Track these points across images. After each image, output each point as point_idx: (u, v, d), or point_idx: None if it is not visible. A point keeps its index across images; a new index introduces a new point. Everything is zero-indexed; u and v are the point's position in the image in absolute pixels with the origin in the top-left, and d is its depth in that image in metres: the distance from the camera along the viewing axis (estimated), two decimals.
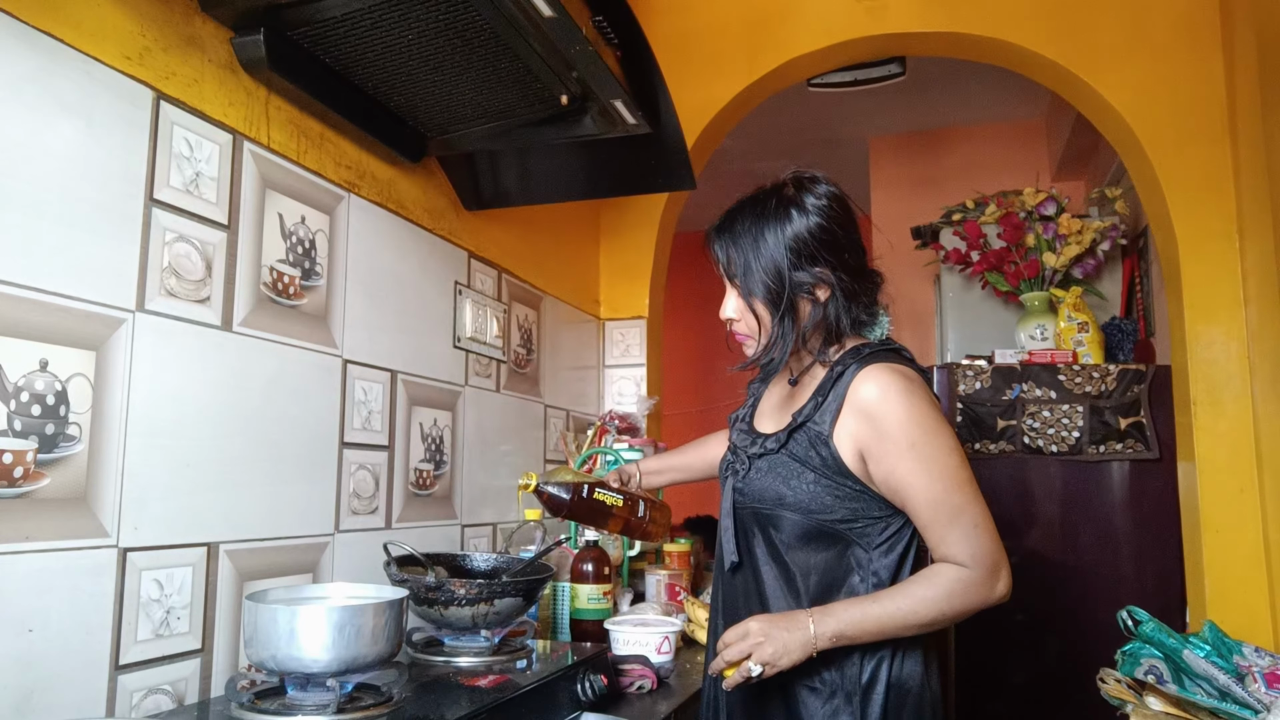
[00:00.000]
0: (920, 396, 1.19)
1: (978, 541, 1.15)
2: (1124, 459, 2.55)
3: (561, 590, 1.97)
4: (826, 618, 1.15)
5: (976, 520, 1.16)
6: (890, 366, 1.21)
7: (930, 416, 1.18)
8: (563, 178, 2.06)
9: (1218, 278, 2.17)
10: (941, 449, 1.16)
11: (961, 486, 1.16)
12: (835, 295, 1.23)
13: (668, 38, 2.68)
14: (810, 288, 1.22)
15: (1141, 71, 2.29)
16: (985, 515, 1.17)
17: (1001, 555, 1.17)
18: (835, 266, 1.22)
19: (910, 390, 1.18)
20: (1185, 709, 1.62)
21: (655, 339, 2.91)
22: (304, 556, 1.51)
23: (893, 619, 1.14)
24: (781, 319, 1.22)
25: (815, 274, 1.21)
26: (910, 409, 1.17)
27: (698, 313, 5.47)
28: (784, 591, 1.24)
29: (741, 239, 1.24)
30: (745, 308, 1.26)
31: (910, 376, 1.21)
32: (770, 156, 4.65)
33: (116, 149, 1.19)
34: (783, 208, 1.22)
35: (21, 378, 1.06)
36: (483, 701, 1.20)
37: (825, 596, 1.21)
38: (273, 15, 1.36)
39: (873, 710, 1.19)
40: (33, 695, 1.05)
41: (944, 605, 1.14)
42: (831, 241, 1.21)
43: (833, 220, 1.22)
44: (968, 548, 1.14)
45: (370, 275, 1.72)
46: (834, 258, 1.22)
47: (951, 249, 3.18)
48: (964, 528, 1.15)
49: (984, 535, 1.15)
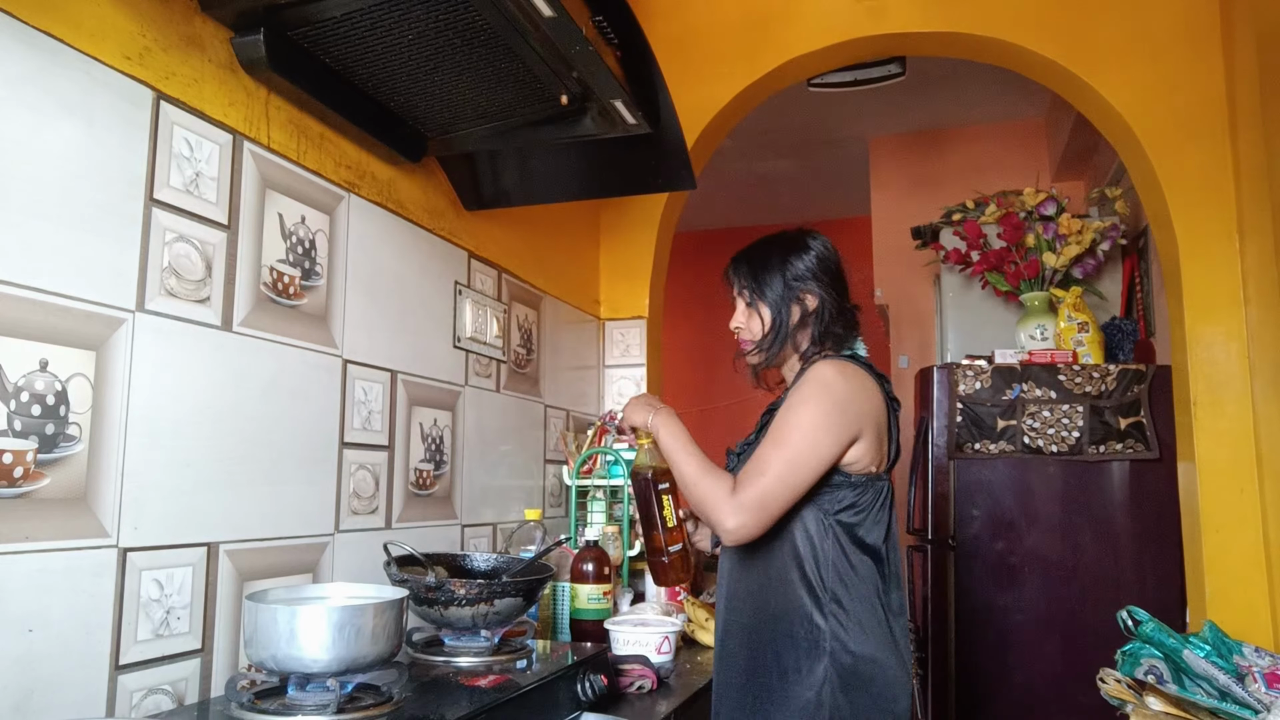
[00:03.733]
0: (837, 386, 1.39)
1: (753, 486, 1.35)
2: (1124, 459, 2.55)
3: (561, 590, 1.97)
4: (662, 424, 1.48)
5: (766, 474, 1.35)
6: (837, 360, 1.44)
7: (823, 399, 1.38)
8: (563, 178, 2.06)
9: (1218, 278, 2.17)
10: (800, 425, 1.37)
11: (783, 452, 1.36)
12: (822, 307, 1.49)
13: (668, 38, 2.68)
14: (801, 294, 1.49)
15: (1141, 71, 2.29)
16: (778, 482, 1.35)
17: (754, 512, 1.34)
18: (824, 286, 1.50)
19: (831, 379, 1.39)
20: (1185, 709, 1.62)
21: (655, 339, 2.91)
22: (304, 556, 1.51)
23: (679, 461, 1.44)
24: (778, 314, 1.49)
25: (808, 286, 1.49)
26: (817, 388, 1.39)
27: (698, 313, 5.48)
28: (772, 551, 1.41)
29: (753, 261, 1.53)
30: (750, 315, 1.52)
31: (845, 371, 1.41)
32: (770, 156, 4.65)
33: (116, 149, 1.19)
34: (788, 241, 1.53)
35: (21, 378, 1.06)
36: (483, 701, 1.20)
37: (808, 549, 1.39)
38: (273, 15, 1.36)
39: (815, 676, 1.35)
40: (33, 695, 1.05)
41: (700, 489, 1.39)
42: (824, 270, 1.50)
43: (825, 258, 1.52)
44: (746, 486, 1.35)
45: (370, 275, 1.72)
46: (824, 280, 1.50)
47: (951, 249, 3.18)
48: (756, 474, 1.36)
49: (759, 485, 1.35)
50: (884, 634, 1.37)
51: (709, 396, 5.22)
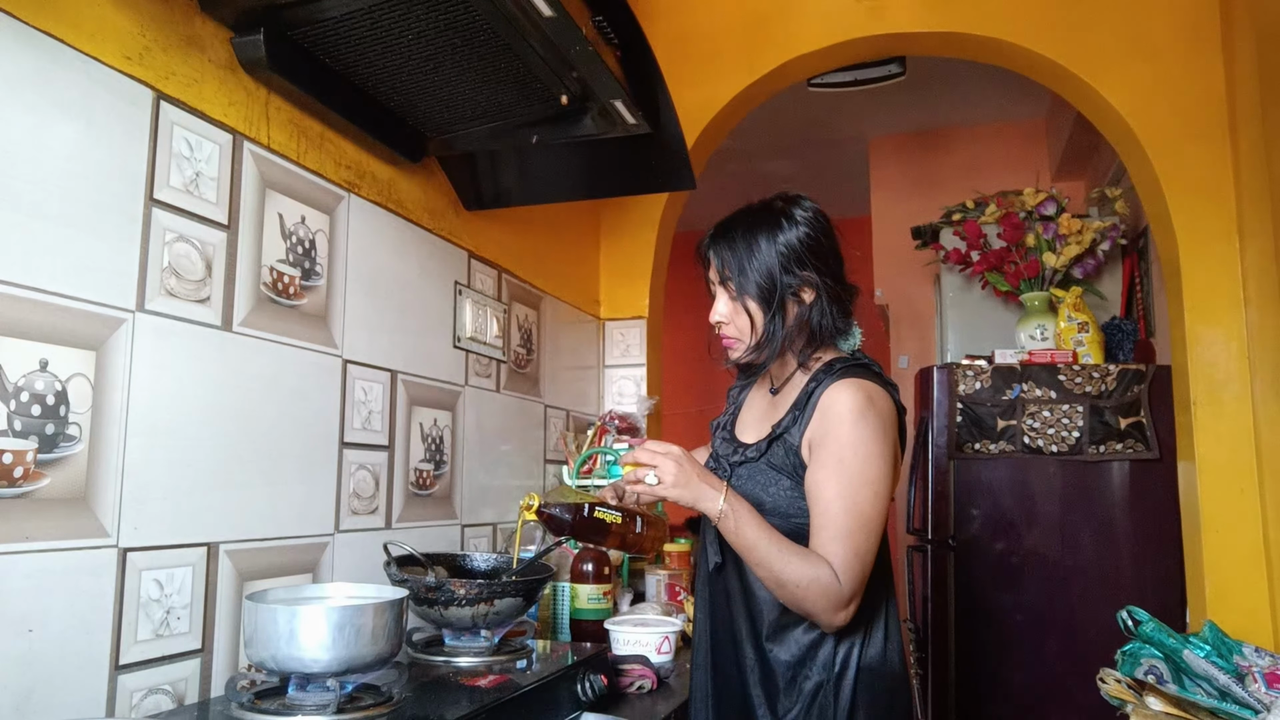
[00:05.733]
0: (872, 418, 1.25)
1: (852, 569, 1.21)
2: (1124, 459, 2.55)
3: (561, 590, 1.97)
4: (733, 509, 1.23)
5: (860, 550, 1.21)
6: (857, 382, 1.28)
7: (870, 441, 1.24)
8: (563, 178, 2.06)
9: (1218, 278, 2.18)
10: (861, 475, 1.22)
11: (860, 514, 1.22)
12: (820, 298, 1.33)
13: (668, 38, 2.68)
14: (797, 289, 1.32)
15: (1141, 71, 2.29)
16: (869, 551, 1.23)
17: (858, 593, 1.22)
18: (820, 272, 1.32)
19: (864, 410, 1.25)
20: (1185, 709, 1.62)
21: (655, 339, 2.91)
22: (304, 556, 1.51)
23: (762, 557, 1.22)
24: (772, 317, 1.32)
25: (802, 277, 1.31)
26: (855, 428, 1.24)
27: (698, 313, 5.46)
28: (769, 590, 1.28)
29: (736, 245, 1.34)
30: (736, 310, 1.35)
31: (872, 394, 1.27)
32: (770, 156, 4.65)
33: (116, 149, 1.19)
34: (773, 218, 1.34)
35: (21, 378, 1.06)
36: (483, 701, 1.20)
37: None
38: (272, 15, 1.36)
39: (845, 689, 1.27)
40: (33, 695, 1.05)
41: (798, 587, 1.20)
42: (817, 249, 1.32)
43: (818, 230, 1.33)
44: (843, 569, 1.20)
45: (370, 275, 1.72)
46: (819, 264, 1.32)
47: (951, 249, 3.18)
48: (846, 551, 1.21)
49: (858, 566, 1.21)
50: (891, 631, 1.33)
51: (709, 397, 5.21)
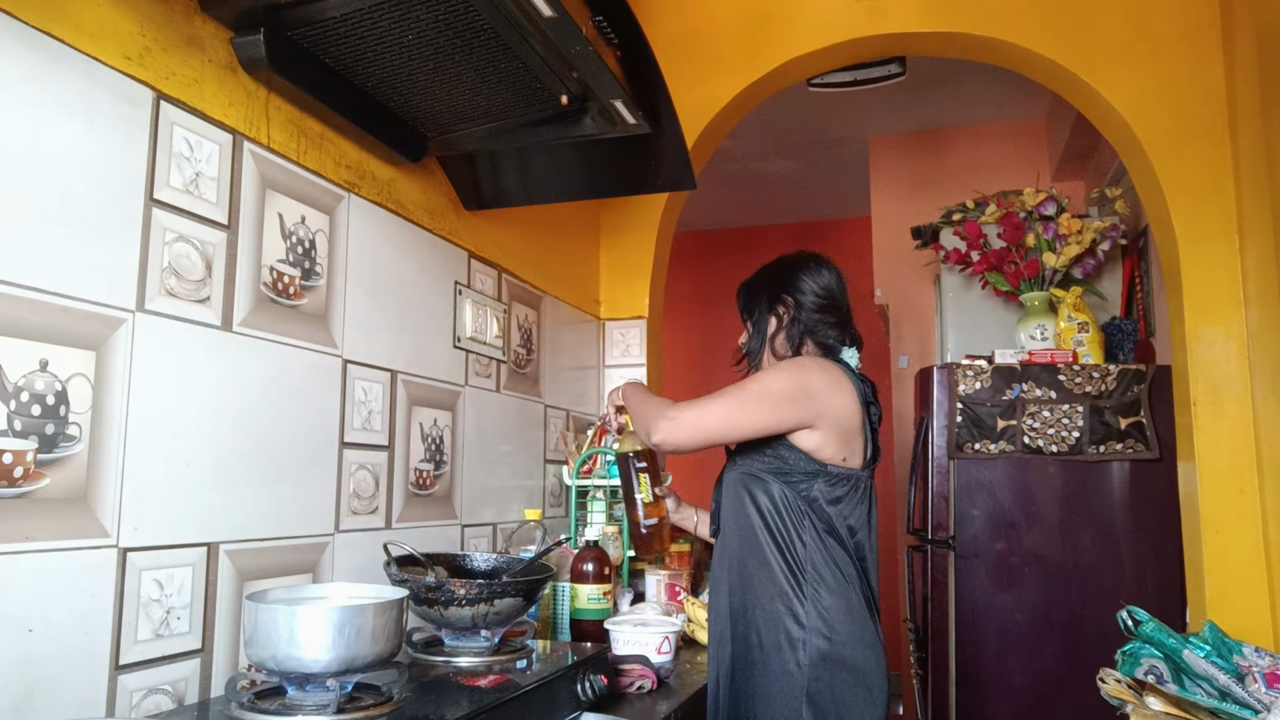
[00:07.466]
0: (811, 373, 1.53)
1: (696, 405, 1.51)
2: (1124, 459, 2.55)
3: (561, 590, 1.97)
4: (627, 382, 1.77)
5: (712, 403, 1.51)
6: (817, 358, 1.61)
7: (794, 375, 1.53)
8: (563, 178, 2.06)
9: (1218, 278, 2.18)
10: (763, 380, 1.52)
11: (737, 394, 1.51)
12: (799, 313, 1.65)
13: (668, 38, 2.68)
14: (779, 309, 1.67)
15: (1141, 71, 2.29)
16: (720, 415, 1.50)
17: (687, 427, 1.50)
18: (805, 295, 1.65)
19: (808, 365, 1.56)
20: (1185, 709, 1.62)
21: (655, 339, 2.91)
22: (304, 556, 1.51)
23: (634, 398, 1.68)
24: (758, 326, 1.70)
25: (787, 299, 1.66)
26: (792, 366, 1.56)
27: (698, 313, 5.49)
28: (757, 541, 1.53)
29: (747, 286, 1.75)
30: (745, 333, 1.73)
31: (824, 365, 1.56)
32: (770, 156, 4.65)
33: (116, 149, 1.19)
34: (778, 266, 1.71)
35: (21, 378, 1.06)
36: (483, 701, 1.20)
37: (785, 538, 1.51)
38: (273, 15, 1.36)
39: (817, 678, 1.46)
40: (33, 695, 1.05)
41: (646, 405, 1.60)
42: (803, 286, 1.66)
43: (808, 275, 1.67)
44: (690, 404, 1.52)
45: (370, 275, 1.72)
46: (806, 292, 1.65)
47: (951, 249, 3.18)
48: (704, 399, 1.52)
49: (701, 406, 1.51)
50: (861, 618, 1.48)
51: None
